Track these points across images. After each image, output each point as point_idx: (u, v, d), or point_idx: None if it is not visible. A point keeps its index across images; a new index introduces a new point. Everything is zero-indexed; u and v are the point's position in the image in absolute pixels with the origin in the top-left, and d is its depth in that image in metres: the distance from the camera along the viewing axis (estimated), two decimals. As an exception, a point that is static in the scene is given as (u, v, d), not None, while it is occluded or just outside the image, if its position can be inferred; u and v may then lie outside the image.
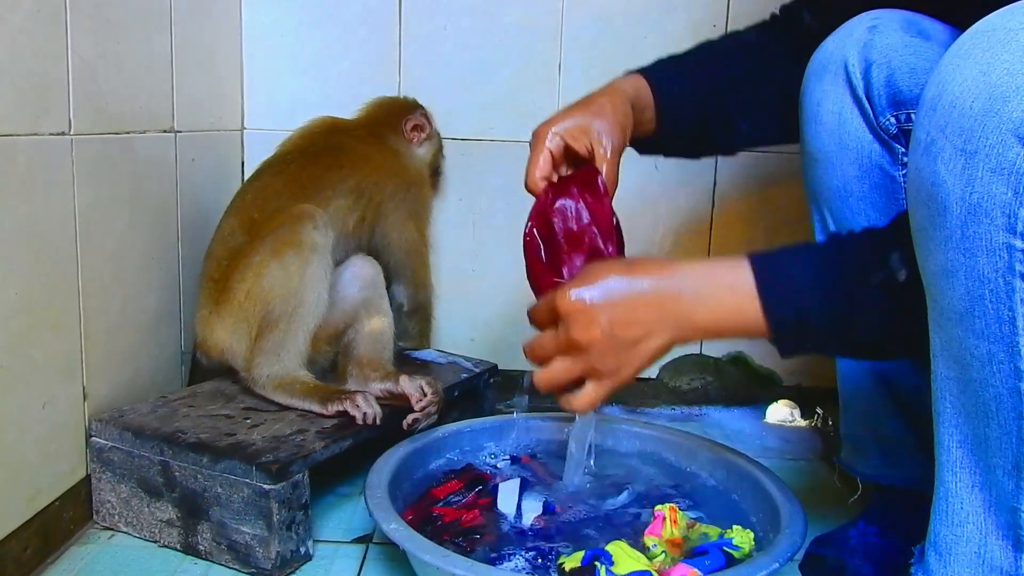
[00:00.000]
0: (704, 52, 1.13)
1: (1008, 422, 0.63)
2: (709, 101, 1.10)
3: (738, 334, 0.79)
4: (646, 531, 1.01)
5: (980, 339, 0.65)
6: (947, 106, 0.61)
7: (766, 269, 0.76)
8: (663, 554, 0.97)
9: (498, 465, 1.19)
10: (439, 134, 1.56)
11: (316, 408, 1.17)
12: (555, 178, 0.97)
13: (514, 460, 1.22)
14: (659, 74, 1.08)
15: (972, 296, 0.63)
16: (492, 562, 0.94)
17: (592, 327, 0.79)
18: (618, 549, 0.94)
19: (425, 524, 1.01)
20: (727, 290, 0.77)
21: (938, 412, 0.70)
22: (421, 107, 1.52)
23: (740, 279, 0.76)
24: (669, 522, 1.02)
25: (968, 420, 0.67)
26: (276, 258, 1.20)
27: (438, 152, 1.57)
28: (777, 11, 1.14)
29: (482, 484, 1.12)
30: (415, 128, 1.50)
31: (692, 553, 0.97)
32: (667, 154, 1.17)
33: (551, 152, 0.95)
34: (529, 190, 0.97)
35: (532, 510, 1.07)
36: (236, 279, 1.23)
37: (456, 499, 1.08)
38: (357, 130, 1.46)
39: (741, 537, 1.00)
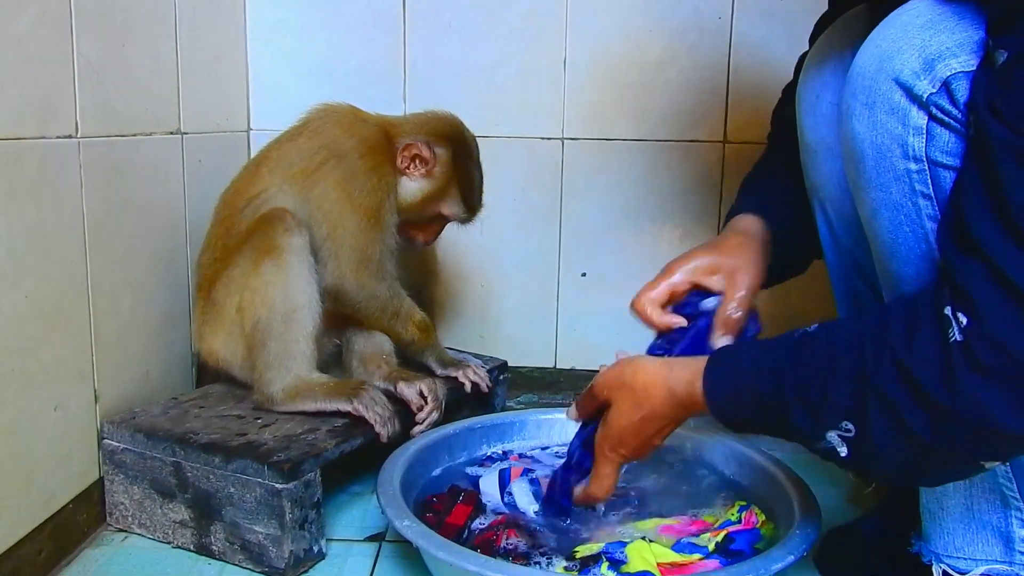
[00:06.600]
0: (787, 163, 1.08)
1: None
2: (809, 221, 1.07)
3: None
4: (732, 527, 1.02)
5: (906, 264, 0.76)
6: (854, 76, 0.76)
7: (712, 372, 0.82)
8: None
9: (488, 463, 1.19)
10: (457, 180, 1.29)
11: (343, 406, 1.15)
12: (661, 312, 0.98)
13: (504, 456, 1.22)
14: (768, 209, 1.05)
15: (893, 225, 0.76)
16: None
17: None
18: (636, 552, 0.94)
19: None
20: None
21: None
22: (445, 136, 1.27)
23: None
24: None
25: None
26: (256, 269, 1.17)
27: (435, 197, 1.29)
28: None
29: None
30: (414, 157, 1.26)
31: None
32: (782, 280, 1.12)
33: (671, 288, 0.98)
34: (634, 309, 0.98)
35: (522, 494, 1.08)
36: (222, 292, 1.21)
37: (478, 525, 1.04)
38: (362, 123, 1.28)
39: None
